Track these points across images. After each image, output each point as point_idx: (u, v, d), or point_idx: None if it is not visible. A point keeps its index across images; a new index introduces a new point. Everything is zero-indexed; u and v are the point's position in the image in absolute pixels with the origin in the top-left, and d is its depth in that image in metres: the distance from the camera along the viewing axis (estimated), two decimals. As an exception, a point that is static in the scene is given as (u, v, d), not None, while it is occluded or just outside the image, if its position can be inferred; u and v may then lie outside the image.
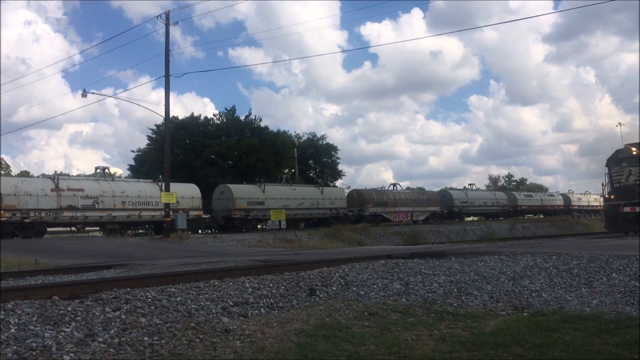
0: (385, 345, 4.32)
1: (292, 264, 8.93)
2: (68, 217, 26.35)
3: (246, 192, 33.67)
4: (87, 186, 27.48)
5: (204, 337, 4.33)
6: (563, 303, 6.19)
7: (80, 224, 27.57)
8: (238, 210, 32.27)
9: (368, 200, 40.48)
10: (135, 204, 28.60)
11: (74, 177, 29.69)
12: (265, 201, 33.72)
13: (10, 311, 4.78)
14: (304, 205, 36.23)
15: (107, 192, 27.89)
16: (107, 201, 27.59)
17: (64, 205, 26.07)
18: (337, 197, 39.24)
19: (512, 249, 11.02)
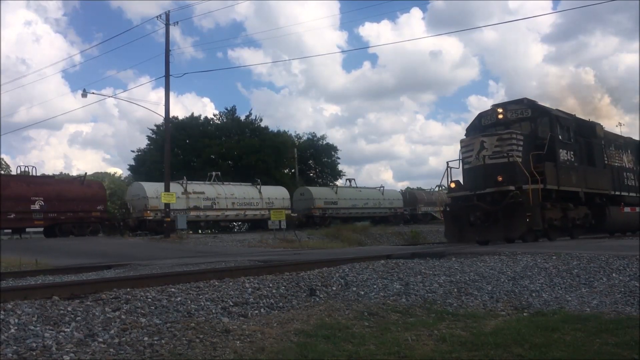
0: (385, 345, 4.32)
1: (292, 264, 8.93)
2: (194, 216, 31.34)
3: (323, 193, 39.31)
4: (206, 189, 32.73)
5: (204, 337, 4.33)
6: (563, 303, 6.18)
7: (202, 222, 32.52)
8: (317, 209, 37.37)
9: (419, 200, 46.22)
10: (241, 205, 33.96)
11: (196, 182, 33.67)
12: (338, 201, 39.22)
13: (10, 311, 4.78)
14: (368, 205, 41.58)
15: (221, 194, 33.15)
16: (221, 202, 32.88)
17: (191, 206, 31.33)
18: (395, 198, 44.79)
19: (512, 249, 11.01)
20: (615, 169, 19.73)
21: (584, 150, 17.80)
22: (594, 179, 17.70)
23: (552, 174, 15.52)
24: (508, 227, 14.50)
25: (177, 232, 27.13)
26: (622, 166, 20.61)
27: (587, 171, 17.49)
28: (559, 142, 16.26)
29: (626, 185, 20.47)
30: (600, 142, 18.93)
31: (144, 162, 47.05)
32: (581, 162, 17.35)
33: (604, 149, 19.05)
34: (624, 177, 20.40)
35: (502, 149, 15.03)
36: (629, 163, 21.55)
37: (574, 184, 16.56)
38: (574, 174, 16.73)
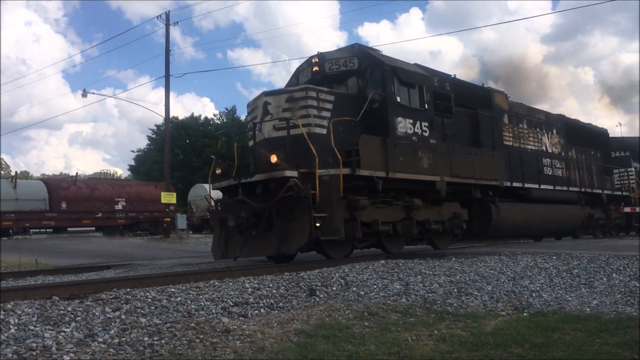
0: (385, 345, 4.32)
1: (292, 264, 8.92)
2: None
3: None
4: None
5: (204, 337, 4.33)
6: (563, 303, 6.18)
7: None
8: None
9: None
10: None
11: None
12: None
13: (10, 311, 4.78)
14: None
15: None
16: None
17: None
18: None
19: (512, 249, 11.02)
20: (524, 153, 14.90)
21: (462, 124, 12.72)
22: (472, 165, 12.27)
23: (374, 154, 10.09)
24: (282, 237, 9.22)
25: (177, 232, 27.16)
26: (539, 150, 15.81)
27: (459, 153, 12.10)
28: (395, 108, 10.80)
29: (547, 176, 15.70)
30: (500, 115, 14.27)
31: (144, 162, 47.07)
32: (449, 139, 12.02)
33: (503, 125, 14.36)
34: (541, 164, 15.60)
35: (292, 114, 9.82)
36: (555, 146, 16.75)
37: (425, 169, 11.09)
38: (427, 155, 11.20)
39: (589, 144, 18.93)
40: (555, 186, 15.98)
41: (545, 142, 16.38)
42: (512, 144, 14.65)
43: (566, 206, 16.44)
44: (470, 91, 13.79)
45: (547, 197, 15.37)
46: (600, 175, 19.06)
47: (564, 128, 17.52)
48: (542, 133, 16.31)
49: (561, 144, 17.17)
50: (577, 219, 17.19)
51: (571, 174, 17.13)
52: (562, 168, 16.69)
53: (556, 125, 17.20)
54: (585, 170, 18.14)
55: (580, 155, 18.06)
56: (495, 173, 13.07)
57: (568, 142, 17.54)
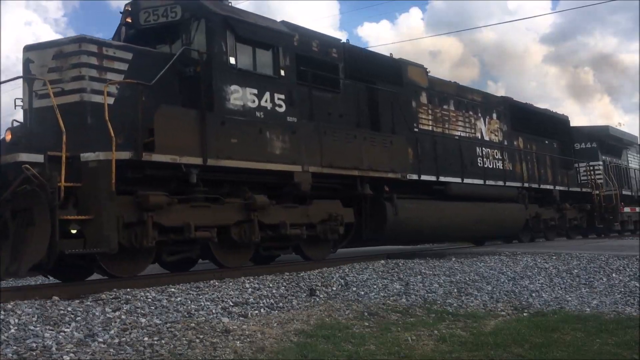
0: (385, 345, 4.32)
1: (292, 264, 8.92)
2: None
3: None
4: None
5: (204, 337, 4.33)
6: (563, 303, 6.19)
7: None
8: None
9: None
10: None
11: None
12: None
13: (10, 311, 4.78)
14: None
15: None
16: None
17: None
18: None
19: (512, 249, 11.03)
20: (448, 141, 12.15)
21: (354, 101, 10.06)
22: (357, 153, 9.53)
23: (182, 132, 7.38)
24: (15, 250, 6.36)
25: None
26: (472, 137, 13.07)
27: (338, 137, 9.30)
28: (225, 72, 8.06)
29: (480, 168, 12.89)
30: (413, 93, 11.59)
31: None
32: (335, 119, 9.61)
33: (420, 105, 11.68)
34: (474, 154, 12.88)
35: (60, 75, 7.23)
36: (495, 134, 14.04)
37: (278, 156, 8.35)
38: (281, 137, 8.45)
39: (542, 132, 16.19)
40: (487, 180, 12.90)
41: (480, 128, 13.45)
42: (432, 128, 11.81)
43: (503, 204, 13.28)
44: (370, 62, 10.93)
45: (476, 193, 12.49)
46: (556, 168, 16.28)
47: (509, 113, 14.71)
48: (476, 117, 13.35)
49: (504, 131, 14.30)
50: (517, 219, 13.95)
51: (515, 167, 14.30)
52: (504, 159, 13.77)
53: (498, 109, 14.35)
54: (536, 163, 15.31)
55: (529, 145, 15.34)
56: (394, 163, 10.23)
57: (514, 130, 14.75)
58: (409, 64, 11.93)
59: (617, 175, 20.49)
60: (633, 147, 23.80)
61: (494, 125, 14.12)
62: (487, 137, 13.71)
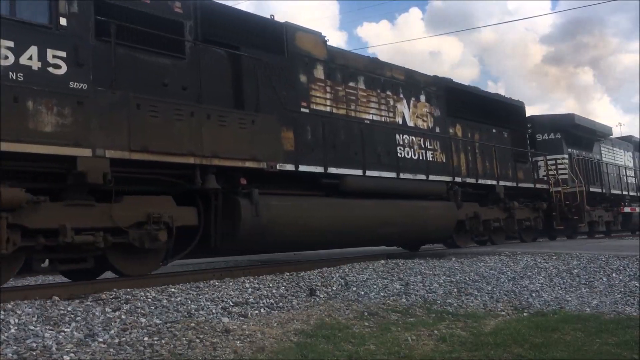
0: (385, 345, 4.32)
1: (292, 264, 8.93)
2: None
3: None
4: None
5: (204, 337, 4.33)
6: (563, 303, 6.19)
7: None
8: None
9: None
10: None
11: None
12: None
13: (10, 311, 4.78)
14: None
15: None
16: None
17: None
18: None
19: (512, 249, 11.03)
20: (352, 125, 9.98)
21: (210, 71, 8.00)
22: (195, 134, 7.38)
23: None
24: None
25: None
26: (389, 122, 10.89)
27: (159, 111, 7.06)
28: None
29: (399, 159, 10.71)
30: (302, 65, 9.43)
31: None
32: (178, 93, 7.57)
33: (313, 80, 9.52)
34: (392, 143, 10.71)
35: None
36: (423, 119, 11.83)
37: (49, 136, 6.08)
38: (56, 110, 6.18)
39: (490, 120, 13.88)
40: (404, 173, 10.64)
41: (402, 112, 11.21)
42: (331, 109, 9.67)
43: (425, 202, 11.06)
44: (237, 23, 8.68)
45: (385, 189, 10.22)
46: (506, 162, 13.96)
47: (444, 96, 12.43)
48: (397, 99, 11.14)
49: (435, 117, 12.05)
50: (444, 219, 11.54)
51: (451, 158, 12.07)
52: (434, 149, 11.64)
53: (428, 91, 12.06)
54: (479, 155, 13.03)
55: (470, 134, 13.15)
56: (257, 149, 7.98)
57: (450, 115, 12.52)
58: (298, 29, 9.59)
59: (586, 170, 18.10)
60: (608, 139, 21.24)
61: (422, 109, 11.76)
62: (412, 122, 11.42)
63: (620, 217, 19.97)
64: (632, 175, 22.36)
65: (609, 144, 21.22)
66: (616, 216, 19.73)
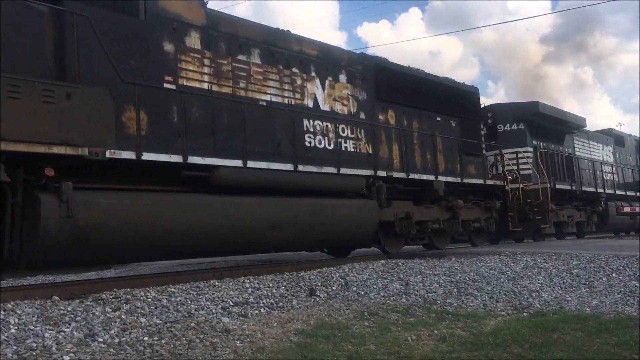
0: (385, 345, 4.32)
1: (292, 264, 8.93)
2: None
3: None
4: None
5: (204, 337, 4.33)
6: (563, 303, 6.19)
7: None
8: None
9: None
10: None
11: None
12: None
13: (10, 311, 4.78)
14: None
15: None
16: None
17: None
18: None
19: (512, 249, 11.04)
20: (237, 106, 8.19)
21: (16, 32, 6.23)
22: None
23: None
24: None
25: None
26: (295, 104, 9.13)
27: None
28: None
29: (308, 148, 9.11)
30: (166, 30, 7.68)
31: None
32: None
33: (183, 50, 7.79)
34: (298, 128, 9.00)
35: None
36: (342, 102, 9.95)
37: None
38: None
39: (434, 107, 11.94)
40: (301, 165, 8.71)
41: (313, 94, 9.40)
42: (210, 86, 7.94)
43: (334, 201, 9.21)
44: None
45: (278, 183, 8.41)
46: (452, 154, 12.03)
47: (373, 77, 10.59)
48: (307, 78, 9.36)
49: (360, 101, 10.25)
50: (361, 220, 9.62)
51: (379, 149, 10.32)
52: (358, 138, 9.95)
53: (350, 70, 10.17)
54: (418, 146, 11.24)
55: (407, 122, 11.22)
56: (71, 131, 6.28)
57: (380, 100, 10.66)
58: None
59: (553, 165, 16.26)
60: (583, 132, 19.22)
61: (341, 91, 9.91)
62: (327, 106, 9.57)
63: (595, 218, 18.11)
64: (611, 171, 20.10)
65: (584, 137, 19.36)
66: (590, 216, 17.87)
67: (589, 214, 17.79)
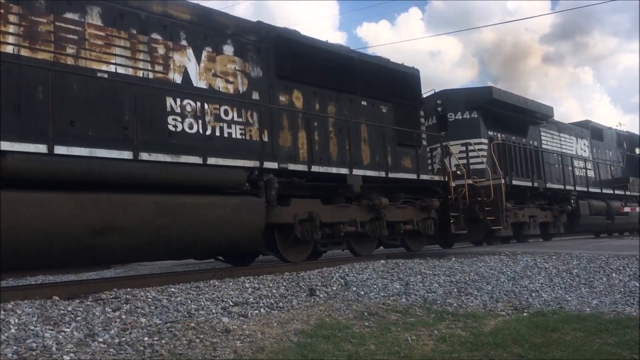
0: (385, 345, 4.32)
1: (292, 264, 8.93)
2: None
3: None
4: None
5: (204, 337, 4.34)
6: (563, 303, 6.19)
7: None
8: None
9: None
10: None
11: None
12: None
13: (10, 311, 4.78)
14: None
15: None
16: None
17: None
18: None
19: (512, 249, 11.03)
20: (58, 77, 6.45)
21: None
22: None
23: None
24: None
25: None
26: (155, 78, 7.45)
27: None
28: None
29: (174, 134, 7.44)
30: None
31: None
32: None
33: None
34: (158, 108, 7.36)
35: None
36: (226, 78, 8.23)
37: None
38: None
39: (357, 88, 10.24)
40: (143, 153, 6.92)
41: (183, 67, 7.69)
42: (14, 50, 6.30)
43: (197, 198, 7.35)
44: None
45: (110, 176, 6.65)
46: (379, 145, 10.31)
47: (272, 50, 8.86)
48: (174, 47, 7.62)
49: (253, 78, 8.51)
50: (239, 222, 7.72)
51: (280, 136, 8.67)
52: (247, 123, 8.21)
53: (240, 41, 8.44)
54: (334, 134, 9.55)
55: (320, 105, 9.53)
56: None
57: (282, 78, 8.95)
58: None
59: (511, 159, 14.50)
60: (552, 123, 17.12)
61: (226, 66, 8.18)
62: (203, 82, 7.89)
63: (564, 218, 16.16)
64: (585, 167, 18.13)
65: (554, 129, 17.19)
66: (558, 216, 15.93)
67: (556, 214, 15.94)
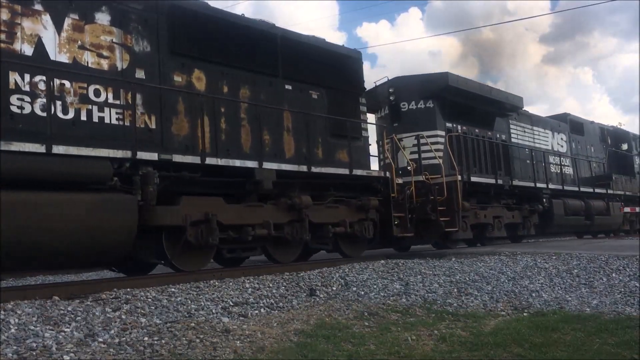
0: (385, 345, 4.32)
1: (292, 264, 8.93)
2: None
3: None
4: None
5: (204, 337, 4.33)
6: (563, 303, 6.19)
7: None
8: None
9: None
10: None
11: None
12: None
13: (10, 311, 4.78)
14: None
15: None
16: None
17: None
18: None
19: (512, 249, 11.04)
20: None
21: None
22: None
23: None
24: None
25: None
26: None
27: None
28: None
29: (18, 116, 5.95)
30: None
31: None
32: None
33: None
34: None
35: None
36: (96, 51, 6.79)
37: None
38: None
39: (279, 69, 8.95)
40: None
41: (36, 35, 6.33)
42: None
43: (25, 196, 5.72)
44: None
45: None
46: (310, 135, 9.11)
47: (163, 21, 7.56)
48: (22, 12, 6.23)
49: (138, 53, 7.24)
50: (97, 225, 6.19)
51: (168, 122, 7.36)
52: (125, 106, 6.94)
53: (118, 8, 7.11)
54: (247, 122, 8.28)
55: (229, 88, 8.21)
56: None
57: (176, 54, 7.66)
58: None
59: (472, 153, 13.17)
60: (524, 115, 15.76)
61: (99, 37, 6.87)
62: (65, 56, 6.53)
63: (535, 218, 14.67)
64: (562, 163, 16.61)
65: (526, 122, 15.78)
66: (528, 217, 14.47)
67: (525, 214, 14.44)
